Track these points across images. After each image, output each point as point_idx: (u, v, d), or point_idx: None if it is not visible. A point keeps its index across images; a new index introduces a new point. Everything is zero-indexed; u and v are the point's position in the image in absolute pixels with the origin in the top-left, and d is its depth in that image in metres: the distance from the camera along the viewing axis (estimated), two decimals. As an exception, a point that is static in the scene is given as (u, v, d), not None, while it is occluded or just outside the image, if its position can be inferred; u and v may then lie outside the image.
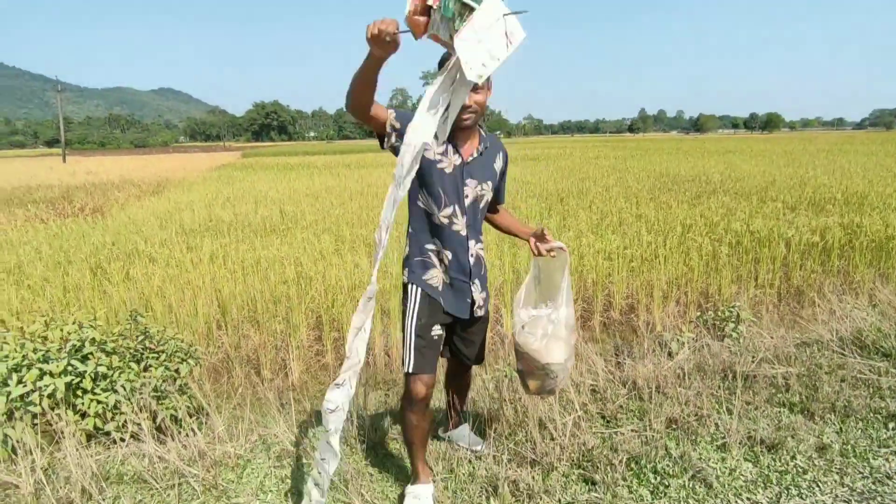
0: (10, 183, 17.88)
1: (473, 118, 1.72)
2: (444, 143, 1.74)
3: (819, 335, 3.00)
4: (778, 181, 11.46)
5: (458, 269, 1.79)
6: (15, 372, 2.43)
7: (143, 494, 1.90)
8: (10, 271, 5.40)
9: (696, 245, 5.59)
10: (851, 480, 1.91)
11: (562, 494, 1.83)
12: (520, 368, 1.92)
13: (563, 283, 1.85)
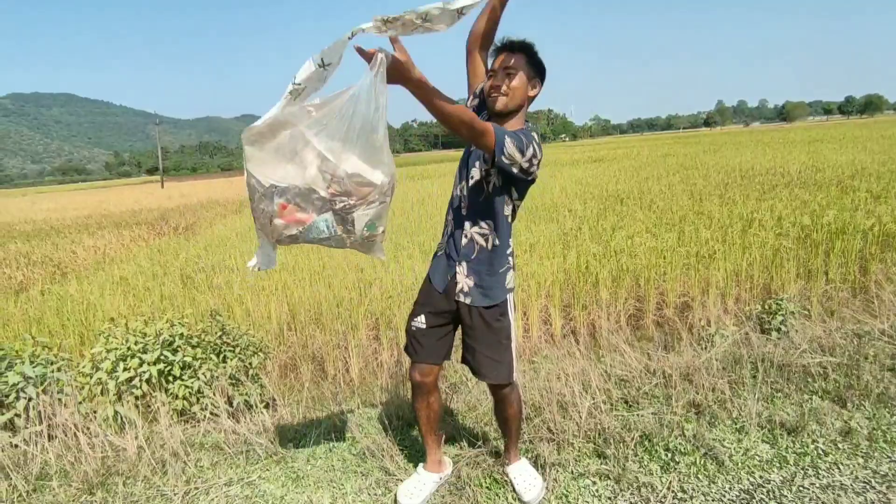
0: (118, 208, 20.26)
1: (503, 101, 1.73)
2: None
3: (871, 326, 2.90)
4: (866, 169, 10.55)
5: (451, 244, 1.84)
6: (122, 361, 2.94)
7: (219, 458, 2.28)
8: (118, 282, 6.25)
9: (758, 240, 5.38)
10: (876, 464, 1.91)
11: (574, 466, 1.99)
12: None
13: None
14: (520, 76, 1.73)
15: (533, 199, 10.28)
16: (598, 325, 4.27)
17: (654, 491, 1.87)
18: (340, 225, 1.37)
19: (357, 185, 1.32)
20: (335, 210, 1.34)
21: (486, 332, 1.81)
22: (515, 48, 1.75)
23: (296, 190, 1.34)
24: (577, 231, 6.70)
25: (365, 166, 1.31)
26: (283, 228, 1.39)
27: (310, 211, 1.35)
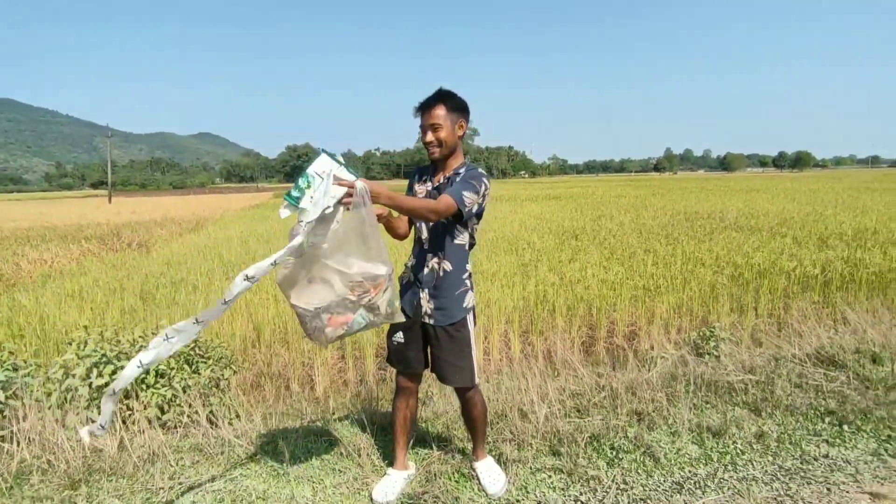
0: (62, 221, 19.35)
1: (439, 152, 1.99)
2: (425, 177, 2.11)
3: (786, 351, 3.34)
4: (793, 218, 11.65)
5: (415, 273, 2.08)
6: (95, 367, 2.99)
7: (200, 458, 2.39)
8: (73, 296, 6.10)
9: (698, 276, 5.91)
10: (782, 461, 2.26)
11: (532, 463, 2.24)
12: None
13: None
14: (445, 127, 1.96)
15: (494, 232, 10.72)
16: (553, 350, 4.58)
17: (600, 483, 2.14)
18: (370, 312, 1.74)
19: (371, 281, 1.71)
20: (364, 304, 1.73)
21: (449, 342, 2.04)
22: (432, 103, 1.95)
23: (334, 303, 1.72)
24: (536, 262, 7.10)
25: (369, 265, 1.70)
26: (332, 333, 1.77)
27: (347, 313, 1.73)
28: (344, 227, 1.65)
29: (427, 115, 1.96)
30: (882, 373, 3.05)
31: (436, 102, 1.96)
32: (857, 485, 2.14)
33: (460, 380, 2.07)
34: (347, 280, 1.68)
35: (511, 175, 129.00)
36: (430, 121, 1.95)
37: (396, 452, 2.22)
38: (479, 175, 1.99)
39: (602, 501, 2.06)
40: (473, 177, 1.97)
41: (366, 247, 1.67)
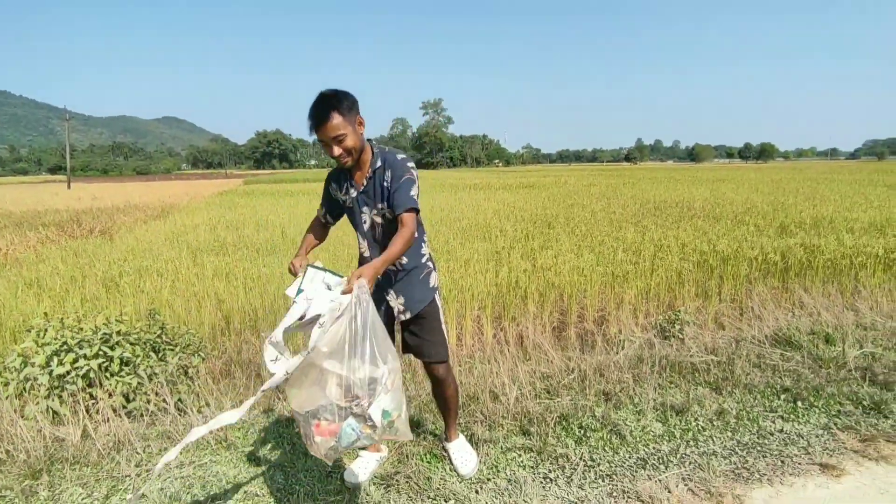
0: (18, 207, 18.48)
1: (350, 160, 1.88)
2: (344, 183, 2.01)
3: (747, 333, 3.47)
4: (756, 207, 12.04)
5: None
6: (56, 356, 2.89)
7: (168, 445, 2.35)
8: (31, 285, 5.86)
9: (665, 263, 6.07)
10: (741, 436, 2.37)
11: (503, 442, 2.29)
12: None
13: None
14: (348, 133, 1.82)
15: (468, 220, 10.74)
16: (525, 335, 4.65)
17: (569, 460, 2.21)
18: (363, 423, 1.57)
19: (365, 384, 1.56)
20: (354, 413, 1.56)
21: (423, 322, 2.08)
22: (327, 115, 1.78)
23: (322, 407, 1.57)
24: (510, 250, 7.16)
25: (366, 366, 1.56)
26: (323, 444, 1.59)
27: (336, 421, 1.56)
28: (342, 327, 1.56)
29: (325, 130, 1.79)
30: (834, 352, 3.21)
31: (330, 112, 1.78)
32: (808, 457, 2.26)
33: (436, 354, 2.09)
34: (342, 382, 1.57)
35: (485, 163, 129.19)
36: (332, 134, 1.80)
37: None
38: (405, 164, 1.92)
39: (570, 478, 2.12)
40: (403, 170, 1.90)
41: (363, 346, 1.57)
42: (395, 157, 1.94)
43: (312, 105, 1.81)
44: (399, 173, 1.90)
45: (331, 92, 1.82)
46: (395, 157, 1.94)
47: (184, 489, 2.05)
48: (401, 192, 1.87)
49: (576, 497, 2.02)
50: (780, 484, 2.10)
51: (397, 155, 1.95)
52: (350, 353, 1.54)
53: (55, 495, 2.01)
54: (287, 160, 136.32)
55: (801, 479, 2.13)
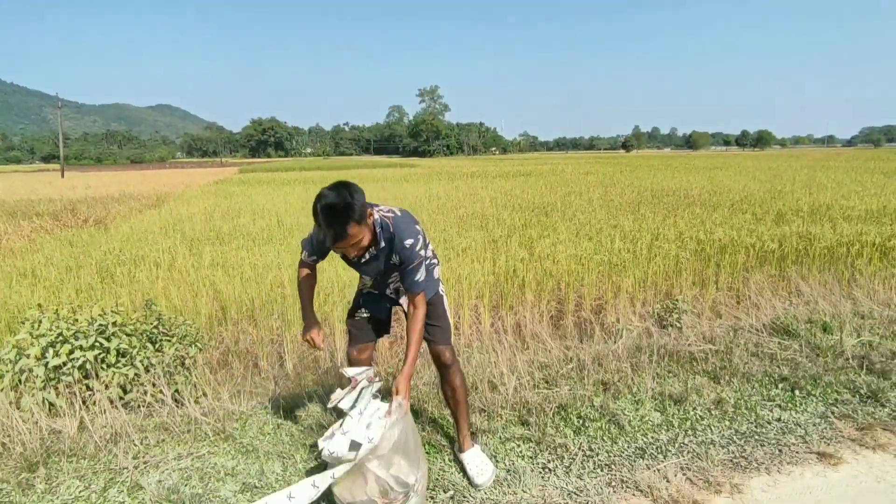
0: (11, 197, 18.31)
1: (365, 249, 1.94)
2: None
3: (744, 322, 3.47)
4: (753, 195, 12.04)
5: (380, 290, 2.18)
6: (51, 347, 2.87)
7: (165, 436, 2.34)
8: (25, 275, 5.82)
9: (662, 251, 6.07)
10: (738, 425, 2.38)
11: (502, 433, 2.28)
12: None
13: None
14: (362, 233, 1.83)
15: (465, 208, 10.71)
16: (523, 324, 4.65)
17: (567, 450, 2.21)
18: None
19: (401, 487, 1.80)
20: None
21: (430, 308, 2.10)
22: (343, 230, 1.76)
23: (363, 502, 1.78)
24: (507, 238, 7.14)
25: (403, 473, 1.81)
26: None
27: None
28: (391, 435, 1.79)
29: (344, 243, 1.80)
30: (831, 341, 3.21)
31: (346, 228, 1.76)
32: (806, 446, 2.27)
33: (441, 338, 2.13)
34: (381, 484, 1.77)
35: (482, 151, 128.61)
36: (351, 243, 1.81)
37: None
38: (414, 251, 1.94)
39: (569, 468, 2.12)
40: (412, 257, 1.94)
41: (406, 455, 1.82)
42: (402, 243, 1.94)
43: (325, 217, 1.74)
44: (408, 259, 1.95)
45: (341, 203, 1.73)
46: (402, 243, 1.94)
47: (182, 481, 2.04)
48: (410, 276, 1.97)
49: (574, 487, 2.02)
50: (778, 472, 2.11)
51: (405, 241, 1.93)
52: (390, 460, 1.79)
53: (52, 488, 2.01)
54: (282, 148, 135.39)
55: (798, 467, 2.14)
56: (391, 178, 22.26)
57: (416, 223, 2.01)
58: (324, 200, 1.74)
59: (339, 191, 1.75)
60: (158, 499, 1.92)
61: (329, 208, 1.73)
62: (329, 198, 1.73)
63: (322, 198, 1.75)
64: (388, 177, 23.84)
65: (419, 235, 1.97)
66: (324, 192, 1.76)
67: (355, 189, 1.78)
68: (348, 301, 4.70)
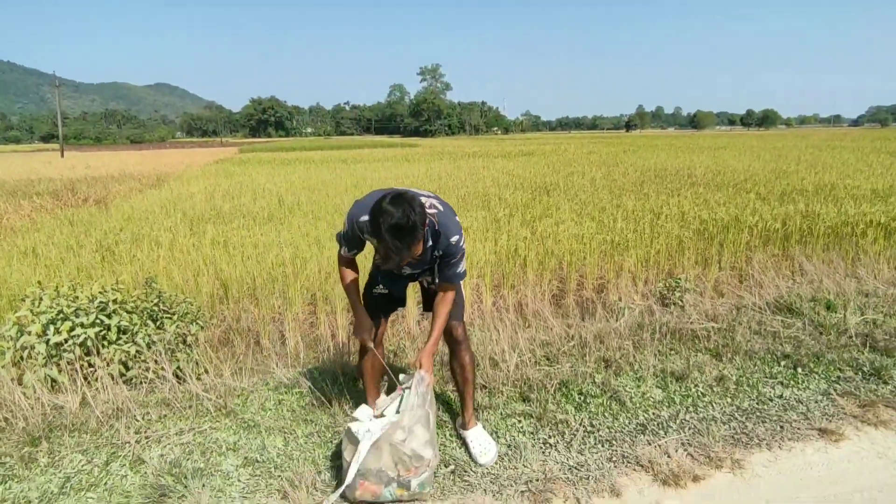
0: (11, 176, 18.23)
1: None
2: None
3: (747, 301, 3.45)
4: (758, 175, 11.92)
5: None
6: (52, 324, 2.87)
7: (167, 412, 2.35)
8: (27, 253, 5.81)
9: (665, 231, 6.02)
10: (740, 402, 2.37)
11: (503, 409, 2.28)
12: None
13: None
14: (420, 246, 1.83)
15: (466, 188, 10.63)
16: (524, 303, 4.64)
17: (568, 426, 2.21)
18: (400, 488, 1.85)
19: (414, 461, 1.82)
20: (398, 481, 1.84)
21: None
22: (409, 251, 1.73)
23: (371, 471, 1.81)
24: (509, 218, 7.10)
25: (422, 446, 1.83)
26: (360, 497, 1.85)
27: (380, 485, 1.83)
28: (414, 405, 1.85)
29: (406, 258, 1.77)
30: (835, 319, 3.20)
31: (411, 247, 1.73)
32: (807, 422, 2.27)
33: (455, 312, 2.10)
34: (396, 455, 1.80)
35: (484, 131, 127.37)
36: (413, 256, 1.82)
37: (369, 403, 2.21)
38: (458, 246, 1.94)
39: (570, 444, 2.12)
40: (457, 252, 1.95)
41: (426, 428, 1.85)
42: (447, 240, 1.92)
43: (391, 237, 1.67)
44: (452, 254, 1.94)
45: (407, 224, 1.67)
46: (447, 240, 1.92)
47: (184, 455, 2.05)
48: (452, 269, 1.97)
49: (575, 462, 2.03)
50: (779, 448, 2.11)
51: (451, 238, 1.92)
52: (411, 430, 1.82)
53: (55, 462, 2.02)
54: (283, 128, 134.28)
55: (800, 443, 2.14)
56: (392, 158, 22.09)
57: (455, 215, 1.99)
58: (390, 220, 1.65)
59: (403, 208, 1.66)
60: (160, 472, 1.93)
61: (396, 229, 1.66)
62: (394, 217, 1.65)
63: (386, 215, 1.65)
64: (389, 157, 23.65)
65: (461, 230, 1.96)
66: (386, 209, 1.66)
67: (416, 202, 1.71)
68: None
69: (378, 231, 1.67)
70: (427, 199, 1.91)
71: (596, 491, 1.88)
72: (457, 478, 1.97)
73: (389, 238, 1.66)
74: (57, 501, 1.83)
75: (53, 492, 1.87)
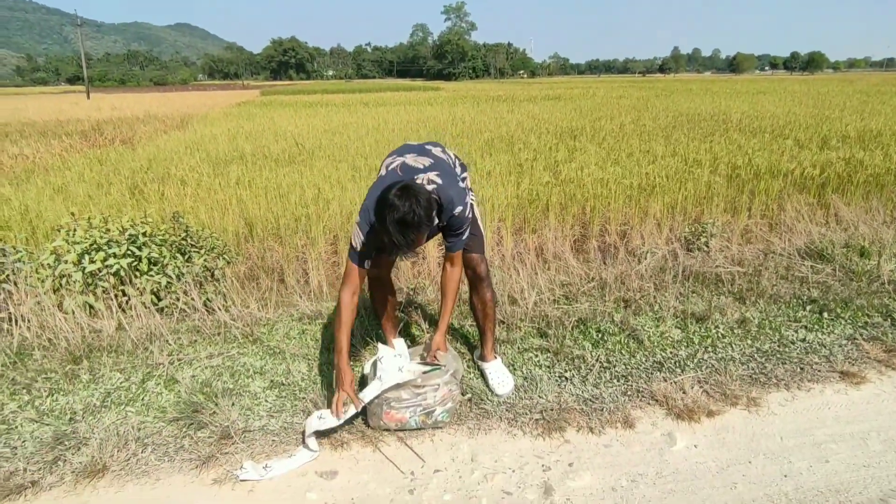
0: (41, 117, 18.51)
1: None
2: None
3: (776, 246, 3.36)
4: (798, 120, 11.31)
5: None
6: (86, 254, 2.98)
7: (197, 337, 2.46)
8: (59, 190, 5.97)
9: (694, 177, 5.83)
10: (761, 344, 2.36)
11: (521, 343, 2.32)
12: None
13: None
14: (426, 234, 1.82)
15: (490, 132, 10.37)
16: (545, 247, 4.61)
17: (585, 362, 2.24)
18: (423, 416, 1.92)
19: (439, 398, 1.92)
20: (423, 410, 1.92)
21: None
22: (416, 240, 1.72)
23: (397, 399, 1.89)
24: (532, 162, 6.95)
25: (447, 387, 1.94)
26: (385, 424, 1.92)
27: (405, 413, 1.90)
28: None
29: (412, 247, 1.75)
30: (868, 266, 3.10)
31: (420, 237, 1.73)
32: (829, 365, 2.25)
33: (476, 246, 2.10)
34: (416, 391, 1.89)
35: (509, 75, 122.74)
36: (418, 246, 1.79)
37: (387, 340, 2.26)
38: (463, 216, 1.90)
39: (585, 378, 2.16)
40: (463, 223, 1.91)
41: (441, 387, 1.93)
42: (450, 213, 1.87)
43: (396, 230, 1.66)
44: (457, 225, 1.91)
45: (413, 219, 1.65)
46: (450, 213, 1.87)
47: (214, 377, 2.16)
48: (455, 237, 1.95)
49: (590, 395, 2.07)
50: (798, 389, 2.11)
51: (454, 210, 1.87)
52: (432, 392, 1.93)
53: (95, 378, 2.15)
54: (304, 70, 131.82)
55: (819, 385, 2.14)
56: (415, 102, 21.59)
57: (458, 181, 1.94)
58: (395, 214, 1.65)
59: (410, 202, 1.65)
60: (193, 391, 2.04)
61: (401, 224, 1.66)
62: (400, 211, 1.64)
63: (391, 208, 1.65)
64: (411, 100, 23.11)
65: (466, 197, 1.91)
66: (392, 202, 1.65)
67: (423, 195, 1.69)
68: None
69: (383, 222, 1.68)
70: (424, 175, 1.86)
71: (609, 422, 1.93)
72: (474, 406, 2.04)
73: (394, 231, 1.67)
74: (99, 413, 1.96)
75: (96, 405, 2.00)
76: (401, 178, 1.82)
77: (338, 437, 1.87)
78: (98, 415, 1.95)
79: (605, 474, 1.70)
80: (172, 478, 1.69)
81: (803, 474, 1.69)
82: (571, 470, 1.72)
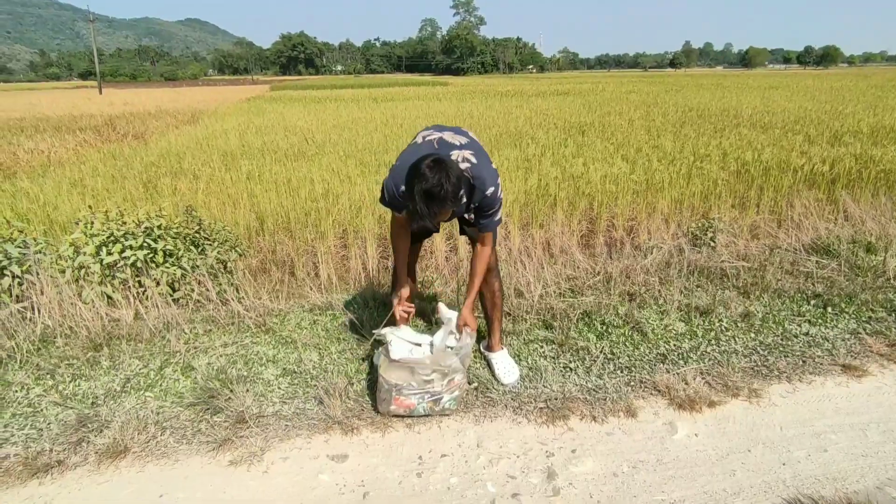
0: (55, 112, 18.78)
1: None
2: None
3: (782, 241, 3.37)
4: (809, 115, 11.20)
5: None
6: (104, 246, 3.06)
7: (212, 327, 2.53)
8: (75, 184, 6.10)
9: (702, 172, 5.82)
10: (764, 337, 2.39)
11: (526, 335, 2.37)
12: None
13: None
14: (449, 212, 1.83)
15: (498, 127, 10.39)
16: (552, 242, 4.64)
17: (589, 353, 2.29)
18: (431, 402, 1.97)
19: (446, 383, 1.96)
20: (431, 397, 1.96)
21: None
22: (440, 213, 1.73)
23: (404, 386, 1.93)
24: (540, 157, 6.96)
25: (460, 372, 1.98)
26: (394, 411, 1.97)
27: (413, 399, 1.95)
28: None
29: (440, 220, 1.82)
30: (874, 261, 3.11)
31: (442, 209, 1.72)
32: (831, 358, 2.28)
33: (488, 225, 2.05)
34: (429, 371, 1.92)
35: (518, 69, 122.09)
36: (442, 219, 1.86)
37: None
38: (495, 196, 1.92)
39: (590, 369, 2.21)
40: (493, 202, 1.92)
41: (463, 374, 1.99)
42: (483, 193, 1.89)
43: (423, 201, 1.68)
44: (489, 205, 1.93)
45: (440, 193, 1.67)
46: (483, 193, 1.89)
47: (229, 364, 2.24)
48: (488, 219, 1.97)
49: (594, 385, 2.12)
50: (799, 381, 2.15)
51: (487, 190, 1.89)
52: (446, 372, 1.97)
53: (115, 365, 2.23)
54: (313, 65, 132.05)
55: (820, 377, 2.17)
56: (423, 97, 21.60)
57: (491, 162, 1.97)
58: (424, 184, 1.66)
59: (440, 176, 1.66)
60: (209, 377, 2.12)
61: (427, 195, 1.67)
62: (429, 182, 1.66)
63: (421, 178, 1.67)
64: (420, 95, 23.12)
65: (498, 178, 1.94)
66: (423, 172, 1.67)
67: (454, 171, 1.70)
68: (381, 215, 4.79)
69: (410, 189, 1.71)
70: (460, 153, 1.89)
71: (612, 411, 1.98)
72: (479, 394, 2.10)
73: (419, 200, 1.68)
74: (120, 397, 2.04)
75: (116, 390, 2.08)
76: (436, 151, 1.86)
77: (348, 423, 1.93)
78: (119, 399, 2.03)
79: (606, 461, 1.75)
80: (191, 459, 1.76)
81: (801, 463, 1.73)
82: (574, 456, 1.77)
